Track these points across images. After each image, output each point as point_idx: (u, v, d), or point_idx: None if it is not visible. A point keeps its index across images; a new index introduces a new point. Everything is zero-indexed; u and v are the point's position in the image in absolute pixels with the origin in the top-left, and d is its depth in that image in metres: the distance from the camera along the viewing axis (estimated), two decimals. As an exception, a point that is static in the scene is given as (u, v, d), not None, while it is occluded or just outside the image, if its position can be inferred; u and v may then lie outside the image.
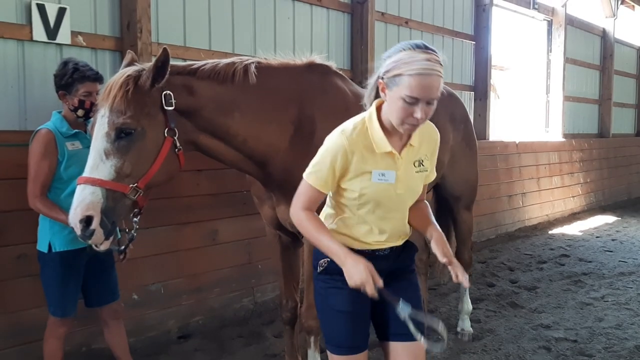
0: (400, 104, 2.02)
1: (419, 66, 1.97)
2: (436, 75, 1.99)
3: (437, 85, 2.00)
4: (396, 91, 2.02)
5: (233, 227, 4.95)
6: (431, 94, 2.00)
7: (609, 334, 4.63)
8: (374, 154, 2.16)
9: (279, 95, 3.05)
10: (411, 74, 1.97)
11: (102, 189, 2.53)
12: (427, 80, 1.98)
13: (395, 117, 2.07)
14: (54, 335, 3.24)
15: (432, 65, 1.99)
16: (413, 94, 1.98)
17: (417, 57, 1.99)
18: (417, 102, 1.99)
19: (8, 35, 3.81)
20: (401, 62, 2.01)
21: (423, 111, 2.01)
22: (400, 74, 2.00)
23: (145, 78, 2.60)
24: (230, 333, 4.63)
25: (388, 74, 2.05)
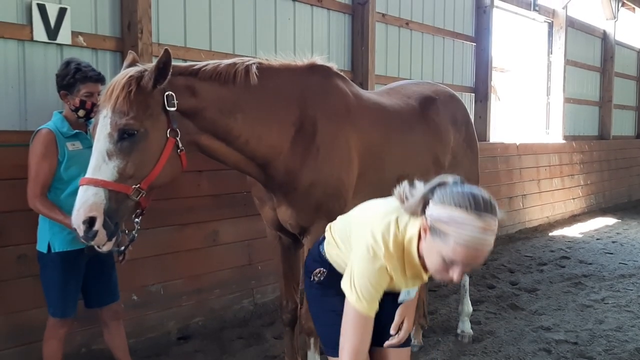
0: (439, 260, 1.88)
1: (470, 236, 1.79)
2: (487, 247, 1.83)
3: (484, 255, 1.84)
4: (438, 244, 1.86)
5: (234, 228, 4.95)
6: (475, 262, 1.86)
7: (610, 336, 4.62)
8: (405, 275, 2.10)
9: (281, 96, 3.05)
10: (459, 242, 1.80)
11: (104, 190, 2.52)
12: (474, 252, 1.82)
13: (430, 265, 1.95)
14: (53, 336, 3.24)
15: (486, 237, 1.81)
16: (456, 258, 1.84)
17: (472, 223, 1.79)
18: (457, 265, 1.86)
19: (8, 36, 3.81)
20: (454, 221, 1.82)
21: (460, 274, 1.87)
22: (447, 234, 1.82)
23: (148, 79, 2.59)
24: (230, 334, 4.63)
25: (435, 223, 1.87)
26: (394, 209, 2.12)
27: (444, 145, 4.06)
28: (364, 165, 3.38)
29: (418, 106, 3.95)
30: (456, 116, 4.26)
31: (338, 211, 3.21)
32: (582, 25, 11.56)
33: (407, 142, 3.73)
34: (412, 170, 3.74)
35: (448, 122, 4.13)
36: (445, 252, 1.84)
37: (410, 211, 2.03)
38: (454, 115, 4.23)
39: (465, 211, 1.81)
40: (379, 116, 3.59)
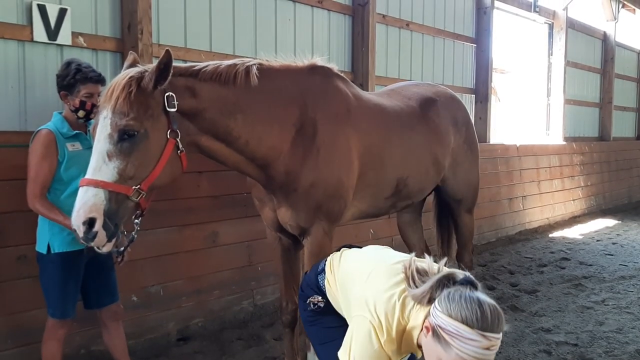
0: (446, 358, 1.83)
1: (474, 353, 1.77)
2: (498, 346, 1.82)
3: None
4: (439, 350, 1.84)
5: (233, 229, 4.94)
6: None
7: (610, 338, 4.62)
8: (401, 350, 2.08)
9: (281, 97, 3.05)
10: (461, 356, 1.78)
11: (104, 191, 2.51)
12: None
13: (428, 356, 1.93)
14: (53, 337, 3.23)
15: (489, 353, 1.79)
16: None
17: (477, 341, 1.77)
18: None
19: (9, 36, 3.80)
20: (458, 335, 1.79)
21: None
22: (450, 345, 1.81)
23: (148, 80, 2.59)
24: (230, 335, 4.62)
25: (439, 330, 1.85)
26: (400, 281, 2.09)
27: (444, 147, 4.05)
28: (364, 166, 3.38)
29: (418, 107, 3.95)
30: (456, 117, 4.26)
31: (338, 212, 3.22)
32: (582, 27, 11.56)
33: (408, 143, 3.73)
34: (412, 172, 3.74)
35: (448, 124, 4.13)
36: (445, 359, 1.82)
37: (415, 300, 2.01)
38: (454, 117, 4.23)
39: (470, 328, 1.78)
40: (379, 117, 3.59)
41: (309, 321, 2.47)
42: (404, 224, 4.61)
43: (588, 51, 11.93)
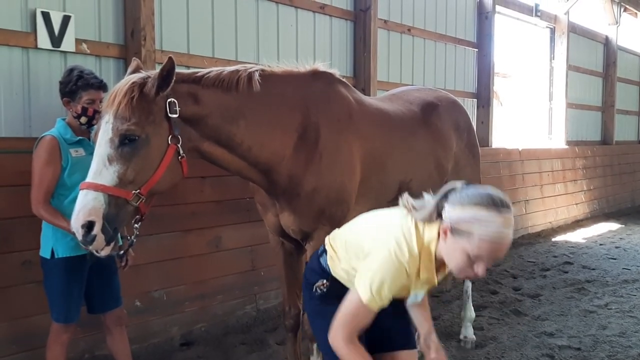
0: (464, 257, 1.96)
1: (494, 231, 1.89)
2: (508, 239, 1.93)
3: (506, 248, 1.94)
4: (462, 244, 1.94)
5: (236, 234, 4.96)
6: (498, 256, 1.96)
7: (613, 342, 4.61)
8: (418, 278, 2.13)
9: (283, 102, 3.07)
10: (484, 239, 1.90)
11: (104, 195, 2.53)
12: (498, 246, 1.92)
13: (454, 265, 2.02)
14: (57, 341, 3.24)
15: (508, 231, 1.91)
16: (481, 254, 1.93)
17: (494, 219, 1.90)
18: (483, 261, 1.95)
19: (13, 43, 3.84)
20: (476, 220, 1.92)
21: (485, 269, 1.95)
22: (471, 232, 1.92)
23: (151, 86, 2.61)
24: (233, 340, 4.63)
25: (457, 225, 1.95)
26: (406, 215, 2.16)
27: (446, 151, 4.07)
28: (366, 170, 3.39)
29: (420, 112, 3.97)
30: (458, 122, 4.27)
31: (341, 217, 3.23)
32: (584, 31, 11.57)
33: (410, 147, 3.74)
34: (415, 176, 3.75)
35: (450, 128, 4.15)
36: (470, 249, 1.91)
37: (425, 219, 2.09)
38: (456, 121, 4.24)
39: (485, 209, 1.90)
40: (381, 122, 3.60)
41: (316, 312, 2.44)
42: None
43: (590, 55, 11.94)
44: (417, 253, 2.06)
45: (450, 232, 1.98)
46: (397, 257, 2.05)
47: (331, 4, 6.17)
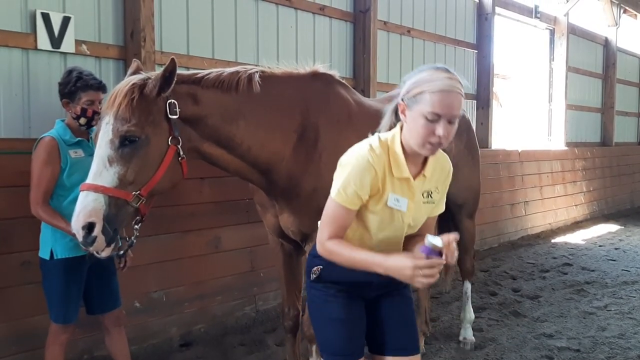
0: (422, 122, 2.01)
1: (441, 83, 1.99)
2: (457, 92, 2.01)
3: (458, 103, 2.01)
4: (417, 110, 2.02)
5: (236, 234, 4.96)
6: (453, 110, 2.00)
7: (612, 344, 4.61)
8: (392, 177, 2.13)
9: (283, 103, 3.07)
10: (433, 91, 1.99)
11: (104, 196, 2.54)
12: (449, 97, 1.99)
13: (417, 137, 2.04)
14: (55, 342, 3.24)
15: (454, 83, 2.01)
16: (435, 109, 1.98)
17: (438, 76, 2.01)
18: (439, 119, 1.99)
19: (13, 44, 3.84)
20: (423, 80, 2.03)
21: (445, 129, 1.99)
22: (421, 92, 2.01)
23: (152, 87, 2.62)
24: (232, 341, 4.63)
25: (409, 94, 2.05)
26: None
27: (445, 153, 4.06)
28: (366, 172, 3.39)
29: (419, 113, 3.97)
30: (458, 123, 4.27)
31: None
32: (583, 32, 11.58)
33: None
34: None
35: (449, 129, 4.15)
36: (425, 109, 2.00)
37: (386, 125, 2.26)
38: (455, 123, 4.24)
39: (429, 70, 2.06)
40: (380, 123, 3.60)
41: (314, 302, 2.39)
42: (405, 229, 4.62)
43: (590, 56, 11.95)
44: (381, 147, 2.12)
45: (406, 107, 2.07)
46: (362, 155, 2.10)
47: (331, 5, 6.17)
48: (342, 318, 2.28)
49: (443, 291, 5.67)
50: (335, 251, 2.13)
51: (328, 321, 2.31)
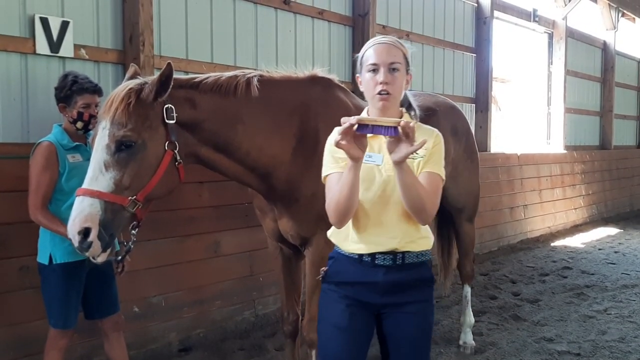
0: (367, 77, 2.18)
1: (375, 40, 2.22)
2: (389, 44, 2.19)
3: (394, 52, 2.17)
4: (363, 71, 2.21)
5: (235, 239, 4.95)
6: (389, 58, 2.14)
7: (612, 347, 4.60)
8: None
9: (282, 107, 3.07)
10: (369, 46, 2.21)
11: (100, 201, 2.53)
12: (383, 47, 2.17)
13: (367, 93, 2.21)
14: (54, 347, 3.23)
15: (388, 38, 2.22)
16: (370, 61, 2.17)
17: (375, 39, 2.24)
18: (378, 67, 2.15)
19: (11, 49, 3.84)
20: (363, 48, 2.25)
21: (385, 76, 2.13)
22: (363, 54, 2.23)
23: (148, 91, 2.61)
24: (231, 346, 4.61)
25: (358, 66, 2.26)
26: None
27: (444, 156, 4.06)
28: (365, 176, 3.38)
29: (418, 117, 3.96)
30: (457, 127, 4.27)
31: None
32: (582, 36, 11.61)
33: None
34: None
35: (448, 133, 4.14)
36: (365, 65, 2.20)
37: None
38: (454, 126, 4.25)
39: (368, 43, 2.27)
40: (379, 127, 3.60)
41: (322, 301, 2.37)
42: (404, 233, 4.61)
43: (588, 60, 11.97)
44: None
45: (359, 75, 2.26)
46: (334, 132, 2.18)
47: (330, 10, 6.18)
48: (343, 326, 2.24)
49: (442, 295, 5.65)
50: (332, 200, 2.16)
51: (329, 326, 2.29)
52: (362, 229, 2.22)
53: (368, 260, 2.21)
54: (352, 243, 2.25)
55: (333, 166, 2.20)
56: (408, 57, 2.23)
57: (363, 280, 2.23)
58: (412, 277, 2.24)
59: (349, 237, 2.26)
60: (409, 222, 2.20)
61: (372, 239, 2.21)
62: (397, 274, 2.22)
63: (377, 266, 2.21)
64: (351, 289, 2.25)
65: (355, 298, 2.25)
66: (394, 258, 2.21)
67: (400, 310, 2.24)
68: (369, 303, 2.25)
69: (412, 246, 2.23)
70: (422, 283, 2.28)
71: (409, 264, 2.23)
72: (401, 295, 2.23)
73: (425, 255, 2.29)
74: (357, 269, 2.23)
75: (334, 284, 2.29)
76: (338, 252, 2.33)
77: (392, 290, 2.22)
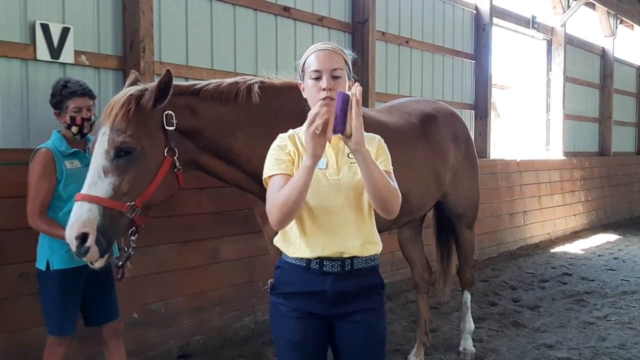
0: (310, 84, 2.14)
1: (316, 47, 2.18)
2: (331, 50, 2.15)
3: (335, 58, 2.13)
4: (306, 78, 2.17)
5: (234, 245, 4.94)
6: (331, 64, 2.11)
7: (613, 354, 4.59)
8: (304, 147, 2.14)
9: (283, 114, 3.05)
10: (310, 53, 2.17)
11: (99, 207, 2.53)
12: (324, 53, 2.13)
13: (311, 100, 2.15)
14: (52, 354, 3.21)
15: (327, 45, 2.18)
16: (313, 67, 2.12)
17: (314, 46, 2.20)
18: (320, 74, 2.11)
19: (12, 55, 3.84)
20: (304, 55, 2.21)
21: (328, 82, 2.09)
22: (304, 61, 2.19)
23: (148, 98, 2.62)
24: (231, 353, 4.60)
25: (300, 73, 2.22)
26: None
27: (444, 163, 4.07)
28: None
29: (419, 124, 3.97)
30: (456, 133, 4.28)
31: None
32: (581, 43, 11.64)
33: (408, 159, 3.74)
34: (413, 189, 3.74)
35: (449, 140, 4.15)
36: (308, 72, 2.16)
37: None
38: (454, 133, 4.25)
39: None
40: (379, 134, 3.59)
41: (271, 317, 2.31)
42: (404, 239, 4.60)
43: (587, 67, 12.00)
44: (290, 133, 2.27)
45: (302, 82, 2.23)
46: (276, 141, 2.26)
47: (329, 16, 6.20)
48: (296, 341, 2.17)
49: (442, 301, 5.64)
50: (278, 200, 2.03)
51: (283, 341, 2.21)
52: (307, 233, 2.15)
53: (316, 267, 2.13)
54: (297, 248, 2.17)
55: (275, 168, 2.15)
56: (349, 62, 2.20)
57: (310, 289, 2.15)
58: (361, 285, 2.18)
59: (295, 242, 2.18)
60: (355, 226, 2.17)
61: (318, 242, 2.14)
62: (346, 281, 2.15)
63: (325, 274, 2.13)
64: (299, 301, 2.17)
65: (305, 310, 2.17)
66: (342, 264, 2.14)
67: (348, 320, 2.18)
68: (318, 314, 2.17)
69: (360, 251, 2.17)
70: (372, 291, 2.22)
71: (357, 270, 2.17)
72: (350, 304, 2.17)
73: (374, 260, 2.23)
74: (303, 278, 2.15)
75: (282, 297, 2.21)
76: (285, 260, 2.24)
77: (341, 299, 2.16)
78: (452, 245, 4.70)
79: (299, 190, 1.97)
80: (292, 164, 2.17)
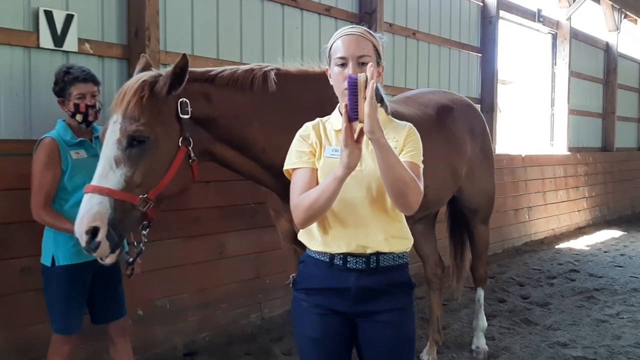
0: (336, 72, 2.05)
1: (343, 31, 2.09)
2: (357, 34, 2.05)
3: (363, 44, 2.04)
4: (332, 64, 2.09)
5: (241, 240, 4.82)
6: (358, 50, 2.02)
7: (629, 353, 4.49)
8: (327, 135, 2.14)
9: (299, 103, 2.93)
10: (337, 38, 2.08)
11: (110, 199, 2.40)
12: (350, 38, 2.04)
13: (336, 88, 2.08)
14: (57, 352, 3.11)
15: (356, 28, 2.09)
16: (340, 53, 2.03)
17: (343, 29, 2.11)
18: (346, 61, 2.03)
19: (15, 42, 3.71)
20: (331, 40, 2.12)
21: (354, 70, 2.00)
22: (331, 46, 2.10)
23: (162, 84, 2.49)
24: (237, 350, 4.49)
25: (327, 57, 2.15)
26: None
27: (461, 156, 3.95)
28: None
29: (435, 115, 3.85)
30: (473, 126, 4.16)
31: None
32: (585, 37, 11.53)
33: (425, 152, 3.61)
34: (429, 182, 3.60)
35: (465, 132, 4.03)
36: (334, 59, 2.08)
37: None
38: (471, 125, 4.13)
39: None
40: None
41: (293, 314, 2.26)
42: (417, 234, 4.46)
43: (591, 61, 11.89)
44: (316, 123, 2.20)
45: (329, 68, 2.14)
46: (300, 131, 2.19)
47: (336, 7, 6.07)
48: (318, 338, 2.08)
49: (453, 298, 5.53)
50: (302, 202, 1.96)
51: (304, 339, 2.14)
52: (329, 226, 2.06)
53: (339, 263, 2.04)
54: (320, 242, 2.08)
55: (297, 161, 2.07)
56: (379, 48, 2.08)
57: (333, 286, 2.06)
58: (387, 283, 2.07)
59: (317, 235, 2.10)
60: (377, 220, 2.06)
61: (341, 237, 2.04)
62: (370, 278, 2.05)
63: (349, 270, 2.04)
64: (322, 297, 2.08)
65: (327, 307, 2.08)
66: (367, 261, 2.04)
67: (373, 319, 2.07)
68: (341, 312, 2.08)
69: (384, 246, 2.06)
70: (398, 289, 2.11)
71: (384, 267, 2.06)
72: (374, 303, 2.06)
73: (403, 258, 2.12)
74: (326, 274, 2.06)
75: (304, 293, 2.13)
76: (308, 255, 2.16)
77: (365, 297, 2.05)
78: (465, 241, 4.58)
79: (326, 198, 1.91)
80: (313, 155, 2.09)
